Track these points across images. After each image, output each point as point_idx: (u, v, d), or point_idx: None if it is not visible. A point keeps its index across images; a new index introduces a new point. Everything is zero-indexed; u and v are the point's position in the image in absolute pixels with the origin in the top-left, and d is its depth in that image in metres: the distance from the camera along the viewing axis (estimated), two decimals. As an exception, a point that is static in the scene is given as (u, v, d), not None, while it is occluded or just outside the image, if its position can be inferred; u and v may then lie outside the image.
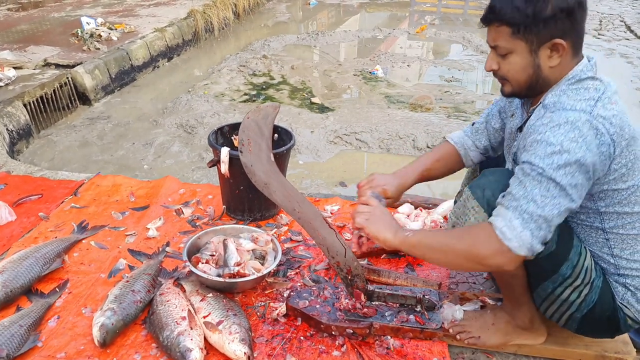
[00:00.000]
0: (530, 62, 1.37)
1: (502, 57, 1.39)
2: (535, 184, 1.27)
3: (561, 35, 1.31)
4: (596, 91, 1.32)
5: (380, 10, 9.96)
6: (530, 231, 1.27)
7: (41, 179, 2.89)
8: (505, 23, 1.33)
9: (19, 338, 1.70)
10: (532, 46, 1.34)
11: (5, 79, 4.37)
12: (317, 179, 3.66)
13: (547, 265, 1.43)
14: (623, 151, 1.31)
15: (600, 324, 1.51)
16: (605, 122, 1.27)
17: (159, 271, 2.09)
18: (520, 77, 1.40)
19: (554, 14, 1.28)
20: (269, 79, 5.68)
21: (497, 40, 1.37)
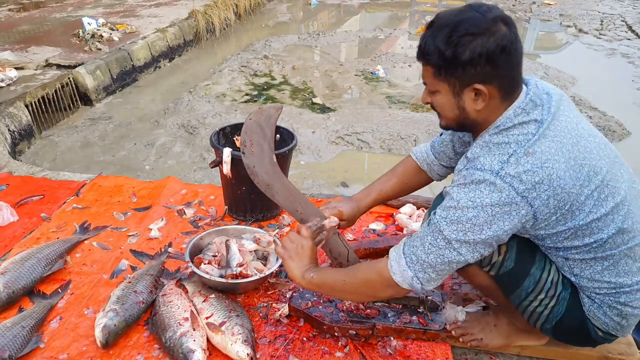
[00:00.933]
0: (454, 103, 1.33)
1: (431, 93, 1.37)
2: (430, 231, 1.34)
3: (482, 80, 1.25)
4: (517, 144, 1.26)
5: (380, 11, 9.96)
6: (414, 272, 1.37)
7: (43, 179, 2.89)
8: (429, 63, 1.30)
9: (21, 339, 1.70)
10: (455, 88, 1.30)
11: (6, 79, 4.38)
12: (318, 179, 3.66)
13: (508, 281, 1.47)
14: (548, 202, 1.25)
15: (572, 334, 1.51)
16: (513, 180, 1.23)
17: (162, 272, 2.08)
18: (448, 114, 1.38)
19: (472, 58, 1.22)
20: (270, 80, 5.69)
21: (425, 77, 1.35)
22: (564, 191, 1.25)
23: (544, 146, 1.25)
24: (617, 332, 1.45)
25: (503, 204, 1.24)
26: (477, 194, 1.25)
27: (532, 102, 1.30)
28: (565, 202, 1.26)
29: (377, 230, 2.42)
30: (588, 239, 1.33)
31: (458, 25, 1.23)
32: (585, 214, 1.29)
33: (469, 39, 1.22)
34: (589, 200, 1.28)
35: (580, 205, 1.28)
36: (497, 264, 1.45)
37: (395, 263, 1.39)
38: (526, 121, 1.29)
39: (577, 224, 1.31)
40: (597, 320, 1.43)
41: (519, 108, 1.30)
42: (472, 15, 1.24)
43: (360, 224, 2.47)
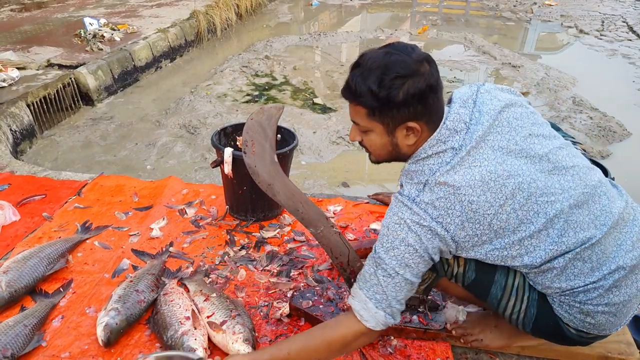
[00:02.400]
0: (388, 141, 1.36)
1: (362, 132, 1.39)
2: (377, 265, 1.35)
3: (414, 117, 1.29)
4: (430, 172, 1.31)
5: (381, 11, 9.97)
6: (383, 310, 1.36)
7: (45, 179, 2.90)
8: (361, 105, 1.30)
9: (23, 338, 1.71)
10: (389, 127, 1.32)
11: (8, 79, 4.39)
12: (319, 179, 3.66)
13: (476, 290, 1.49)
14: (464, 226, 1.29)
15: (551, 334, 1.51)
16: (428, 206, 1.28)
17: (163, 271, 2.09)
18: (380, 152, 1.41)
19: (405, 99, 1.25)
20: (271, 80, 5.69)
21: (356, 118, 1.36)
22: (477, 214, 1.28)
23: (457, 175, 1.28)
24: (590, 329, 1.42)
25: (423, 226, 1.29)
26: (401, 216, 1.31)
27: (449, 130, 1.32)
28: (482, 223, 1.29)
29: (378, 230, 2.42)
30: (526, 258, 1.34)
31: (388, 67, 1.25)
32: (511, 231, 1.31)
33: (400, 82, 1.24)
34: (511, 218, 1.29)
35: (503, 225, 1.30)
36: (459, 276, 1.47)
37: (363, 312, 1.37)
38: (442, 150, 1.32)
39: (506, 242, 1.32)
40: (565, 318, 1.43)
41: (434, 139, 1.33)
42: (400, 57, 1.26)
43: (361, 223, 2.48)
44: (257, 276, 2.10)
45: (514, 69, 5.99)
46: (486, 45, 7.01)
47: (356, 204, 2.66)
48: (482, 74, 5.99)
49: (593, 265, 1.33)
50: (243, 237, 2.37)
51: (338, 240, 1.77)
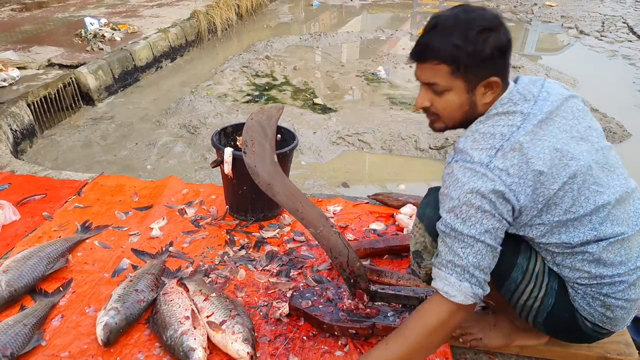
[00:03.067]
0: (466, 100, 1.35)
1: (436, 94, 1.36)
2: (452, 239, 1.33)
3: (496, 72, 1.31)
4: (502, 137, 1.30)
5: (382, 12, 9.98)
6: (468, 282, 1.32)
7: (45, 178, 2.90)
8: (444, 62, 1.29)
9: (23, 337, 1.71)
10: (471, 84, 1.32)
11: (9, 79, 4.39)
12: (319, 179, 3.67)
13: (497, 272, 1.45)
14: (532, 197, 1.30)
15: (563, 327, 1.51)
16: (502, 173, 1.27)
17: (163, 271, 2.09)
18: (455, 115, 1.38)
19: (491, 53, 1.27)
20: (271, 80, 5.70)
21: (433, 78, 1.33)
22: (543, 187, 1.29)
23: (529, 142, 1.29)
24: (605, 324, 1.44)
25: (496, 192, 1.27)
26: (473, 186, 1.28)
27: (521, 95, 1.35)
28: (544, 196, 1.30)
29: (378, 231, 2.43)
30: (565, 236, 1.36)
31: (470, 23, 1.27)
32: (563, 211, 1.33)
33: (486, 35, 1.26)
34: (566, 198, 1.31)
35: (558, 202, 1.32)
36: None
37: (448, 288, 1.33)
38: (511, 111, 1.33)
39: (553, 220, 1.34)
40: (583, 310, 1.44)
41: (506, 98, 1.34)
42: (478, 13, 1.29)
43: (361, 224, 2.48)
44: (257, 276, 2.10)
45: (514, 70, 5.99)
46: (486, 45, 7.01)
47: (356, 204, 2.66)
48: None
49: (622, 259, 1.37)
50: (243, 237, 2.37)
51: (337, 240, 1.78)
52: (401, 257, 2.22)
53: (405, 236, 2.27)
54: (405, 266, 2.17)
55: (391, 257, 2.22)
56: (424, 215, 1.48)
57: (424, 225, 1.49)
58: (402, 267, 2.16)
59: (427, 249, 1.51)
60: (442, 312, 1.35)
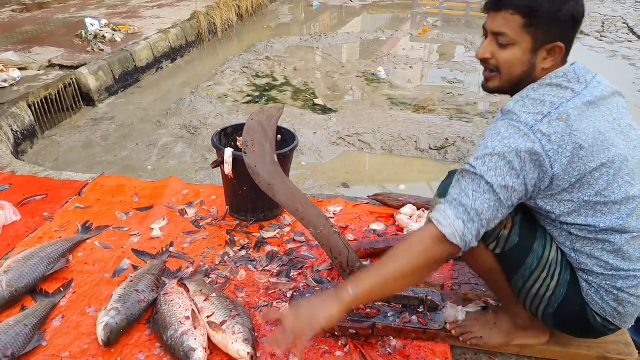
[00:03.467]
0: (528, 59, 1.37)
1: (500, 47, 1.38)
2: (469, 181, 1.34)
3: (562, 39, 1.34)
4: (551, 105, 1.33)
5: (382, 12, 9.99)
6: (463, 222, 1.32)
7: (46, 179, 2.91)
8: (521, 13, 1.31)
9: (23, 337, 1.71)
10: (536, 44, 1.35)
11: (9, 79, 4.40)
12: (319, 180, 3.67)
13: (514, 257, 1.48)
14: (566, 168, 1.32)
15: (572, 320, 1.52)
16: (543, 138, 1.30)
17: (163, 271, 2.10)
18: (514, 72, 1.39)
19: (566, 18, 1.31)
20: (272, 81, 5.70)
21: (504, 27, 1.34)
22: (581, 161, 1.32)
23: (577, 116, 1.32)
24: (615, 319, 1.45)
25: (533, 153, 1.30)
26: (512, 141, 1.31)
27: (576, 75, 1.37)
28: (580, 172, 1.32)
29: (378, 231, 2.43)
30: (591, 219, 1.38)
31: None
32: (595, 192, 1.35)
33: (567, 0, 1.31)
34: (601, 180, 1.34)
35: (592, 182, 1.34)
36: (502, 239, 1.46)
37: (441, 218, 1.34)
38: (564, 86, 1.36)
39: (583, 199, 1.36)
40: (595, 304, 1.45)
41: (562, 72, 1.37)
42: None
43: (361, 224, 2.49)
44: (257, 276, 2.11)
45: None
46: (487, 46, 7.01)
47: (356, 204, 2.66)
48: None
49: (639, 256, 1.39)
50: (243, 238, 2.37)
51: (338, 240, 1.78)
52: (401, 258, 2.22)
53: (405, 236, 2.27)
54: (406, 266, 2.17)
55: (391, 257, 2.22)
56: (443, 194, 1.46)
57: None
58: (402, 268, 2.16)
59: None
60: (427, 238, 1.35)
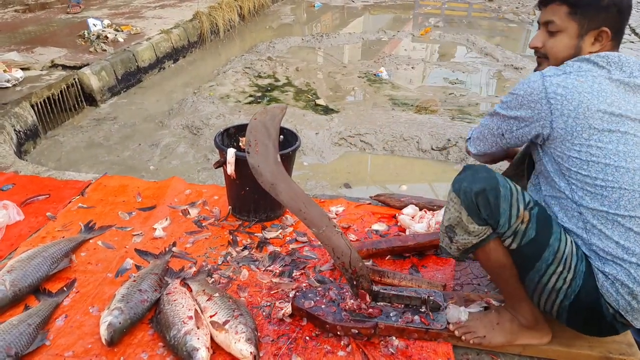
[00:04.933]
0: (574, 44, 1.51)
1: (550, 35, 1.53)
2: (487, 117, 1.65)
3: (608, 25, 1.46)
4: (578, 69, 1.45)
5: (384, 13, 9.99)
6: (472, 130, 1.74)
7: (48, 179, 2.91)
8: (566, 3, 1.47)
9: (27, 336, 1.72)
10: (582, 30, 1.48)
11: (12, 80, 4.41)
12: (321, 180, 3.67)
13: (529, 252, 1.50)
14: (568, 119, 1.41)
15: (586, 312, 1.52)
16: (551, 84, 1.43)
17: (166, 271, 2.10)
18: (559, 55, 1.53)
19: (608, 5, 1.44)
20: (273, 81, 5.71)
21: (552, 16, 1.51)
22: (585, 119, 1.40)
23: (595, 84, 1.41)
24: (627, 313, 1.46)
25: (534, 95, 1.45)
26: (522, 84, 1.50)
27: (620, 62, 1.45)
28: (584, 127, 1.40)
29: (380, 231, 2.43)
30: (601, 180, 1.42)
31: None
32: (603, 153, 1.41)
33: None
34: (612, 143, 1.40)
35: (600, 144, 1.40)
36: (519, 233, 1.47)
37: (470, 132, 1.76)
38: (600, 64, 1.45)
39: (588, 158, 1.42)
40: (610, 296, 1.46)
41: (604, 55, 1.46)
42: None
43: (363, 224, 2.49)
44: (260, 276, 2.11)
45: (516, 71, 5.99)
46: (488, 46, 7.02)
47: (358, 205, 2.67)
48: (485, 76, 5.99)
49: None
50: (245, 238, 2.38)
51: (340, 240, 1.78)
52: (403, 258, 2.22)
53: (407, 237, 2.27)
54: (408, 267, 2.18)
55: (393, 257, 2.23)
56: (460, 189, 1.50)
57: (460, 199, 1.50)
58: (404, 268, 2.17)
59: (460, 224, 1.52)
60: None
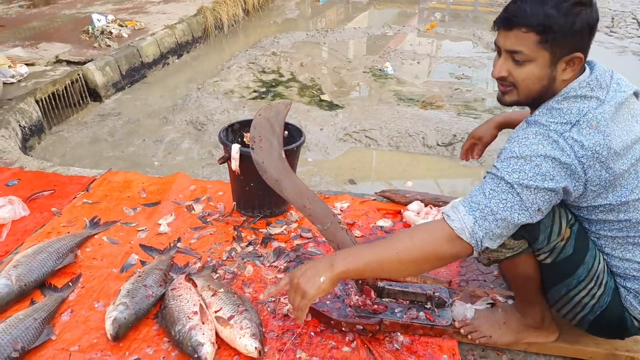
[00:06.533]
0: (547, 74, 1.33)
1: (517, 64, 1.34)
2: (489, 181, 1.33)
3: (580, 49, 1.31)
4: (579, 113, 1.31)
5: (389, 7, 9.94)
6: (474, 218, 1.30)
7: (53, 174, 2.92)
8: (535, 30, 1.27)
9: (33, 331, 1.72)
10: (554, 57, 1.31)
11: (17, 75, 4.42)
12: (326, 176, 3.67)
13: (564, 268, 1.45)
14: (600, 174, 1.31)
15: (610, 324, 1.52)
16: (575, 144, 1.28)
17: (171, 266, 2.11)
18: (533, 88, 1.36)
19: (581, 28, 1.28)
20: (278, 76, 5.69)
21: (518, 46, 1.31)
22: (615, 165, 1.30)
23: (607, 121, 1.30)
24: None
25: (563, 163, 1.28)
26: (540, 147, 1.29)
27: (597, 82, 1.35)
28: (613, 176, 1.31)
29: (385, 227, 2.42)
30: (623, 215, 1.38)
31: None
32: (629, 191, 1.35)
33: (578, 9, 1.26)
34: (632, 179, 1.34)
35: (624, 183, 1.34)
36: (556, 250, 1.43)
37: (451, 212, 1.32)
38: (589, 96, 1.34)
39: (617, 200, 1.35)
40: (634, 310, 1.46)
41: (584, 82, 1.35)
42: None
43: (368, 220, 2.48)
44: (264, 272, 2.11)
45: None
46: (494, 41, 6.97)
47: (363, 201, 2.66)
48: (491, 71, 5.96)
49: None
50: (250, 234, 2.38)
51: (345, 237, 1.78)
52: (408, 254, 2.21)
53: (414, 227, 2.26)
54: (413, 263, 2.17)
55: (398, 253, 2.22)
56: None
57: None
58: (410, 264, 2.16)
59: None
60: (435, 230, 1.34)
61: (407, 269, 1.39)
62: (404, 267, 1.36)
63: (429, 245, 1.34)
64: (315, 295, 1.35)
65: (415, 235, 1.36)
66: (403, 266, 1.35)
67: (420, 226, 1.41)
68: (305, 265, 1.40)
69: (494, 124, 1.94)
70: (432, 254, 1.35)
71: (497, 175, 1.31)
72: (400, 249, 1.34)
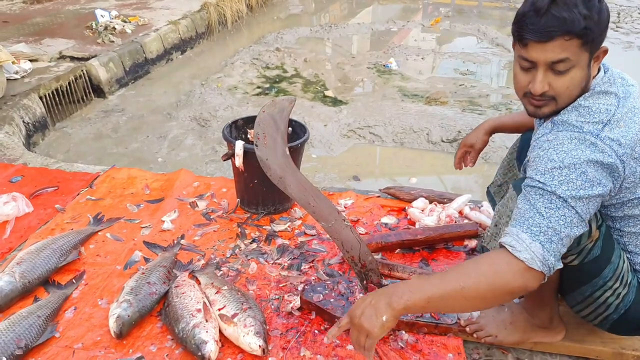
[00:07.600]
0: (586, 75, 1.31)
1: (557, 74, 1.28)
2: (538, 197, 1.25)
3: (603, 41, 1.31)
4: (607, 112, 1.30)
5: (393, 2, 9.89)
6: (541, 243, 1.22)
7: (57, 171, 2.92)
8: (576, 35, 1.22)
9: (37, 328, 1.72)
10: (591, 57, 1.29)
11: (21, 71, 4.41)
12: (330, 172, 3.65)
13: (591, 269, 1.42)
14: (634, 169, 1.30)
15: (633, 322, 1.50)
16: (613, 143, 1.26)
17: (174, 263, 2.10)
18: (574, 93, 1.32)
19: (608, 20, 1.28)
20: (282, 72, 5.68)
21: (562, 54, 1.24)
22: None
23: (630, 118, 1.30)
24: None
25: (606, 164, 1.25)
26: (580, 152, 1.24)
27: (612, 76, 1.36)
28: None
29: (389, 224, 2.41)
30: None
31: None
32: None
33: (602, 2, 1.27)
34: None
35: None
36: (584, 251, 1.39)
37: (515, 242, 1.23)
38: (609, 91, 1.33)
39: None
40: None
41: (605, 77, 1.35)
42: None
43: (372, 217, 2.47)
44: (268, 269, 2.10)
45: (528, 62, 5.91)
46: (500, 37, 6.93)
47: (367, 197, 2.65)
48: (496, 67, 5.92)
49: None
50: (254, 230, 2.37)
51: (349, 234, 1.77)
52: (413, 251, 2.20)
53: (417, 230, 2.25)
54: (417, 260, 2.16)
55: (403, 251, 2.21)
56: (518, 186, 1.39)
57: None
58: (414, 261, 2.15)
59: None
60: (501, 264, 1.23)
61: (474, 305, 1.32)
62: (469, 303, 1.28)
63: (496, 280, 1.25)
64: (381, 335, 1.27)
65: (480, 270, 1.27)
66: (468, 302, 1.27)
67: (483, 259, 1.30)
68: (364, 303, 1.31)
69: (484, 130, 1.96)
70: (501, 290, 1.25)
71: (546, 190, 1.24)
72: (465, 285, 1.25)
